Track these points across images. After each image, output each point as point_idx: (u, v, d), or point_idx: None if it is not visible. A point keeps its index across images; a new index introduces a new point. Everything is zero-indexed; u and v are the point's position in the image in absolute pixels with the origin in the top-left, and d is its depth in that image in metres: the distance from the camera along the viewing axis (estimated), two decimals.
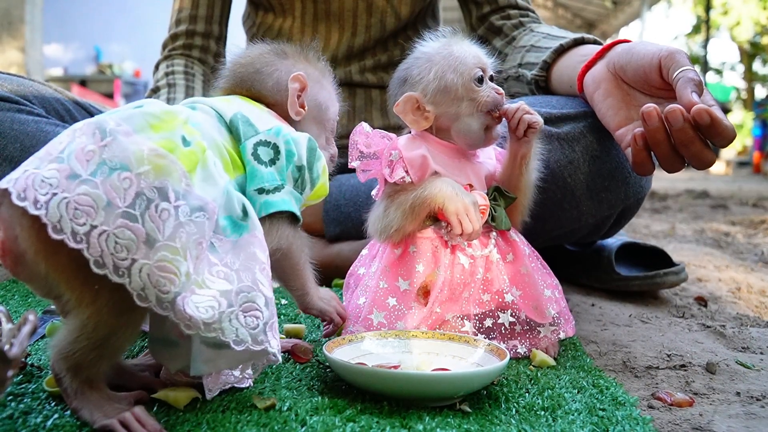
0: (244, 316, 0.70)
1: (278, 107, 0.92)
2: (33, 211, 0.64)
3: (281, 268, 0.86)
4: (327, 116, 0.97)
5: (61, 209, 0.64)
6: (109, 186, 0.65)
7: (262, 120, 0.84)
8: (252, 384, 0.81)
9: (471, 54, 1.02)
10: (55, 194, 0.64)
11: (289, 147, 0.82)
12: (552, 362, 0.96)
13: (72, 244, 0.63)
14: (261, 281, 0.73)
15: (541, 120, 1.00)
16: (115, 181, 0.65)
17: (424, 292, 0.97)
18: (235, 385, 0.79)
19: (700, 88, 0.96)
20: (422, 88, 1.01)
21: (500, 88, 1.02)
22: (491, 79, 1.04)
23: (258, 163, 0.80)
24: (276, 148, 0.82)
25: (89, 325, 0.68)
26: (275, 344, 0.74)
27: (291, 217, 0.83)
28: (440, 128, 1.03)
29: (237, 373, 0.79)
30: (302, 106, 0.92)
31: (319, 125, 0.97)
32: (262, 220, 0.78)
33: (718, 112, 0.92)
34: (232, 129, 0.82)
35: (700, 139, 0.95)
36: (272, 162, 0.81)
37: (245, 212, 0.75)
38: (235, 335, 0.69)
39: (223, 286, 0.69)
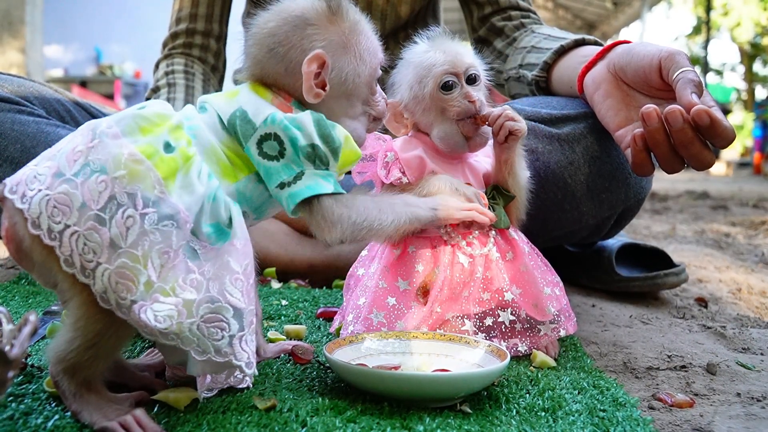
0: (207, 327, 0.70)
1: (296, 91, 0.83)
2: (19, 205, 0.67)
3: (377, 237, 0.85)
4: (356, 85, 0.86)
5: (41, 206, 0.67)
6: (87, 188, 0.67)
7: (260, 112, 0.79)
8: (252, 384, 0.81)
9: (442, 60, 1.00)
10: (40, 191, 0.67)
11: (289, 133, 0.77)
12: (552, 363, 0.96)
13: (47, 241, 0.66)
14: (230, 292, 0.71)
15: (523, 127, 0.99)
16: (92, 183, 0.67)
17: (424, 292, 0.97)
18: (233, 385, 0.79)
19: (699, 89, 0.96)
20: (399, 95, 1.03)
21: (473, 94, 1.00)
22: (473, 80, 1.02)
23: (268, 160, 0.77)
24: (277, 138, 0.77)
25: (81, 319, 0.68)
26: (243, 357, 0.73)
27: (331, 194, 0.78)
28: (425, 133, 1.04)
29: (222, 378, 0.78)
30: (323, 86, 0.82)
31: (349, 97, 0.86)
32: (301, 209, 0.77)
33: (717, 113, 0.92)
34: (231, 131, 0.79)
35: (699, 140, 0.95)
36: (281, 154, 0.77)
37: (230, 219, 0.75)
38: (196, 345, 0.69)
39: (189, 296, 0.69)
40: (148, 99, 1.66)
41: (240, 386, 0.79)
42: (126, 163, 0.68)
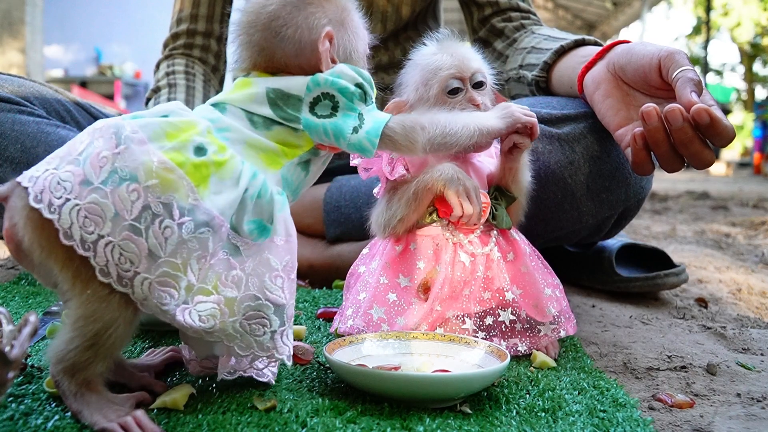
0: (249, 324, 0.72)
1: (300, 68, 0.83)
2: (47, 215, 0.66)
3: (453, 144, 0.86)
4: (355, 61, 0.88)
5: (72, 216, 0.66)
6: (118, 197, 0.67)
7: (294, 83, 0.80)
8: (273, 381, 0.81)
9: (449, 63, 1.01)
10: (68, 199, 0.66)
11: (337, 86, 0.79)
12: (552, 363, 0.96)
13: (81, 252, 0.66)
14: (270, 289, 0.73)
15: (527, 142, 0.99)
16: (123, 192, 0.67)
17: (425, 289, 0.98)
18: (255, 377, 0.80)
19: (699, 87, 0.96)
20: (407, 95, 1.04)
21: (478, 98, 1.01)
22: (479, 85, 1.02)
23: (328, 118, 0.78)
24: (328, 96, 0.79)
25: (81, 319, 0.68)
26: (285, 351, 0.75)
27: (395, 120, 0.81)
28: None
29: (245, 363, 0.79)
30: (334, 62, 0.84)
31: None
32: (383, 144, 0.79)
33: (717, 112, 0.93)
34: (281, 117, 0.78)
35: (699, 139, 0.95)
36: (335, 108, 0.79)
37: (272, 216, 0.75)
38: (239, 341, 0.71)
39: (230, 294, 0.70)
40: (148, 99, 1.67)
41: (262, 380, 0.80)
42: (157, 171, 0.68)
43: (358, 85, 0.80)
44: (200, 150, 0.72)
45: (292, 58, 0.83)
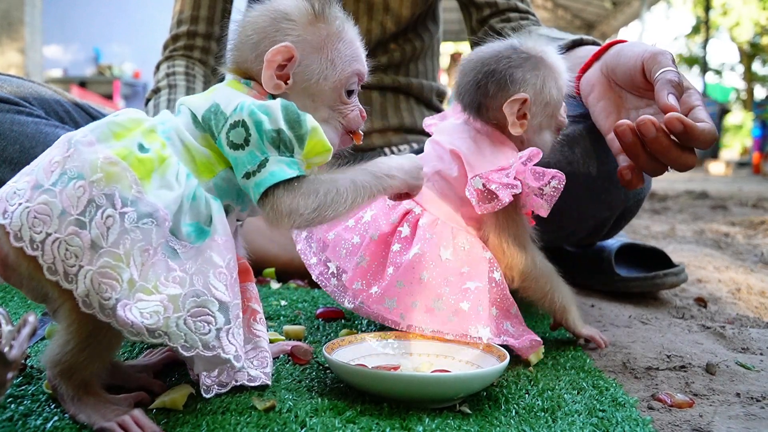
0: (194, 321, 0.70)
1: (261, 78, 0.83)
2: (1, 221, 0.68)
3: (335, 220, 0.79)
4: (320, 87, 0.84)
5: (22, 218, 0.67)
6: (66, 195, 0.67)
7: (231, 102, 0.78)
8: (269, 383, 0.81)
9: None
10: (20, 204, 0.67)
11: (254, 117, 0.75)
12: (540, 355, 0.97)
13: (29, 252, 0.66)
14: (215, 286, 0.72)
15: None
16: (71, 190, 0.68)
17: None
18: (247, 383, 0.79)
19: (678, 89, 0.95)
20: None
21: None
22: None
23: (234, 149, 0.76)
24: (244, 125, 0.75)
25: (74, 323, 0.69)
26: (231, 350, 0.73)
27: (286, 183, 0.75)
28: None
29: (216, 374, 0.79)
30: (285, 79, 0.82)
31: (312, 97, 0.84)
32: (262, 202, 0.75)
33: (698, 114, 0.92)
34: (205, 127, 0.78)
35: (676, 146, 0.94)
36: (246, 141, 0.75)
37: (210, 217, 0.75)
38: (183, 340, 0.69)
39: (173, 291, 0.69)
40: (148, 100, 1.67)
41: (255, 384, 0.80)
42: (102, 166, 0.69)
43: (277, 130, 0.75)
44: (142, 148, 0.73)
45: (251, 63, 0.83)
